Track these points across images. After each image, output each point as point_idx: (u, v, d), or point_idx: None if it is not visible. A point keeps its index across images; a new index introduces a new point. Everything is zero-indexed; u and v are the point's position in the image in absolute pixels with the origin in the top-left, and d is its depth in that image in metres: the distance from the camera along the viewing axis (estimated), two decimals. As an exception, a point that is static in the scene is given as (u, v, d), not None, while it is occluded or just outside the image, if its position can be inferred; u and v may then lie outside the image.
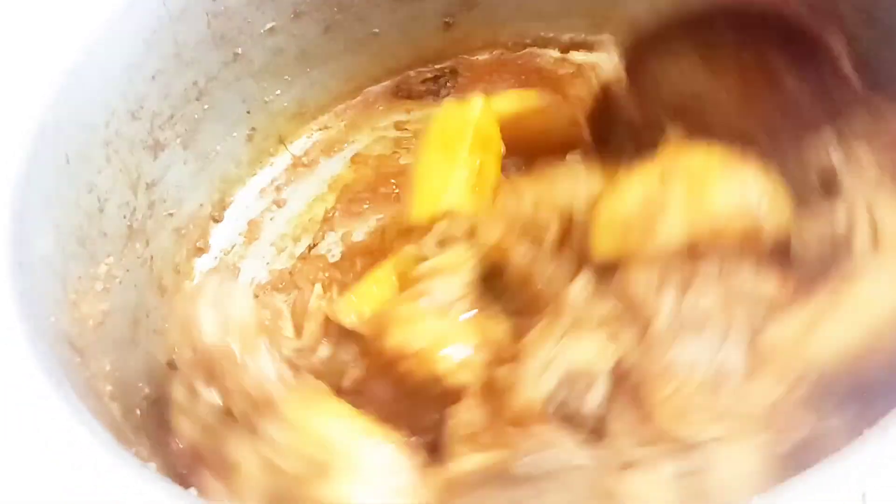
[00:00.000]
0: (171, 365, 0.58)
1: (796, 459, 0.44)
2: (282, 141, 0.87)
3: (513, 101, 0.78)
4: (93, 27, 0.65)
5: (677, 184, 0.57)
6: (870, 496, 0.37)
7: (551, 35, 0.90)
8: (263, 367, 0.53)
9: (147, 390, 0.62)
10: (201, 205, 0.81)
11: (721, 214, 0.55)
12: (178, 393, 0.54)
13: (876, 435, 0.39)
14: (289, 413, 0.51)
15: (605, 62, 0.68)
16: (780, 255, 0.55)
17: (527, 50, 0.90)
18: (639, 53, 0.68)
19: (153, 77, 0.71)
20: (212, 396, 0.53)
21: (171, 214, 0.76)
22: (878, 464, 0.38)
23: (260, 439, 0.50)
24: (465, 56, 0.90)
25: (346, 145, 0.87)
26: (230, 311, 0.55)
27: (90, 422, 0.47)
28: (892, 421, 0.39)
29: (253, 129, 0.84)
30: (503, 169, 0.75)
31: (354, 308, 0.64)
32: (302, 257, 0.80)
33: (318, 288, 0.70)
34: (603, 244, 0.59)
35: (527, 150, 0.80)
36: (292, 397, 0.52)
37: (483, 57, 0.91)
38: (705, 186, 0.56)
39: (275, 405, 0.52)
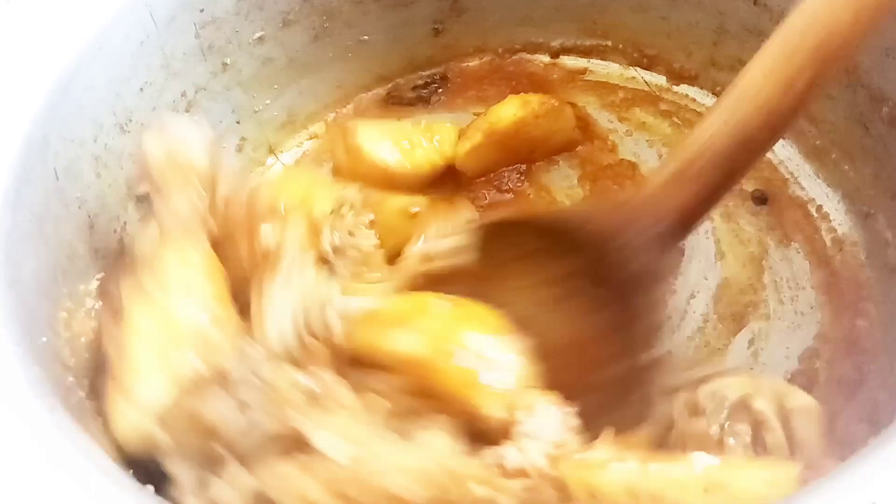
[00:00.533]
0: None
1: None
2: (272, 150, 0.87)
3: (515, 107, 0.78)
4: (79, 40, 0.64)
5: (433, 315, 0.57)
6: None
7: (541, 40, 0.89)
8: (177, 206, 0.62)
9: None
10: (192, 217, 0.80)
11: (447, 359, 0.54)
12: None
13: (884, 442, 0.39)
14: (164, 246, 0.60)
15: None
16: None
17: (517, 55, 0.90)
18: (491, 244, 0.62)
19: (141, 89, 0.70)
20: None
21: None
22: (888, 471, 0.38)
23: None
24: (456, 62, 0.90)
25: (337, 154, 0.87)
26: (177, 148, 0.63)
27: (85, 445, 0.47)
28: (900, 429, 0.39)
29: (243, 139, 0.84)
30: (500, 177, 0.80)
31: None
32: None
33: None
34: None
35: (527, 154, 0.80)
36: (178, 236, 0.61)
37: (473, 63, 0.90)
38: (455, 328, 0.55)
39: (165, 238, 0.61)
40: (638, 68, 0.88)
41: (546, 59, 0.90)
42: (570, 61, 0.89)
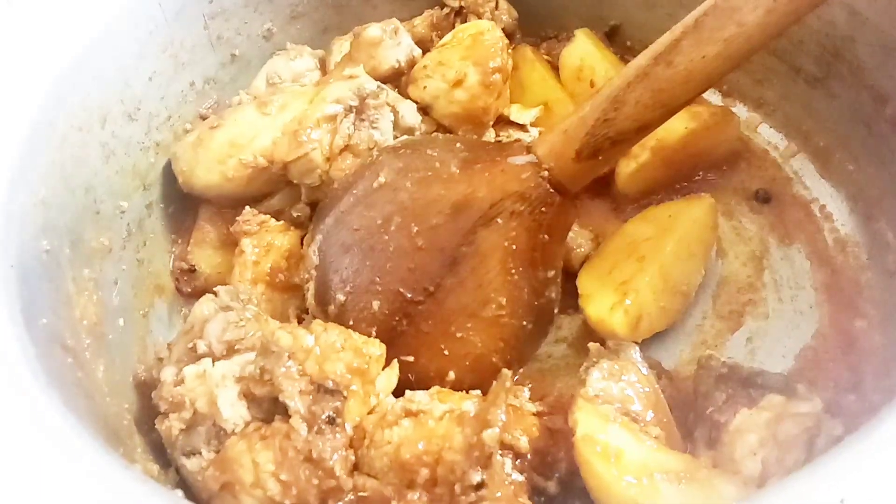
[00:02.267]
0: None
1: None
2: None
3: (685, 120, 0.74)
4: (88, 30, 0.65)
5: None
6: (848, 500, 0.37)
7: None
8: None
9: (139, 391, 0.62)
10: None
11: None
12: None
13: (855, 441, 0.39)
14: None
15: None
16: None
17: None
18: None
19: (150, 79, 0.71)
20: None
21: (169, 215, 0.76)
22: (857, 469, 0.38)
23: None
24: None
25: (344, 145, 0.87)
26: None
27: (79, 423, 0.48)
28: (871, 428, 0.40)
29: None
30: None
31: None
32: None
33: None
34: None
35: (689, 171, 0.77)
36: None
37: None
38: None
39: None
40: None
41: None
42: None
